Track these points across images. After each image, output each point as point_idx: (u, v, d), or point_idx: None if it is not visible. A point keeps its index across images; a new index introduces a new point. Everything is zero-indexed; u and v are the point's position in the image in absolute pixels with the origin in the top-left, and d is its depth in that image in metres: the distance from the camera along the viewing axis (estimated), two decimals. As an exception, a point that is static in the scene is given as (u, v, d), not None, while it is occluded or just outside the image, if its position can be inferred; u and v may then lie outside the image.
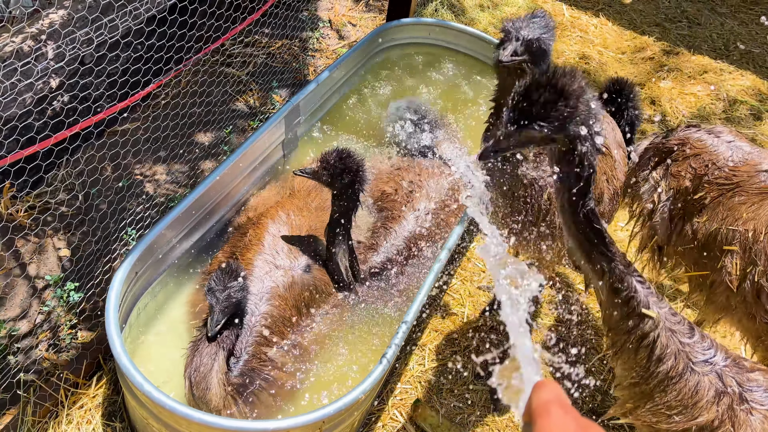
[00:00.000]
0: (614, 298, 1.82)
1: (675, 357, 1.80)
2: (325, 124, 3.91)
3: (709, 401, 1.79)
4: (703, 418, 1.80)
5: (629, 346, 1.86)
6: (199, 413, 2.16)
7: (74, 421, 2.68)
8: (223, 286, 2.40)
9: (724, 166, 2.42)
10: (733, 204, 2.35)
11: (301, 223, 3.02)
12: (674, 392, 1.82)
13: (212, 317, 2.41)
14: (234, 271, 2.45)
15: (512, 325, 1.52)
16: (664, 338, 1.80)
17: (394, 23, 4.16)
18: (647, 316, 1.79)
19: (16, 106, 3.07)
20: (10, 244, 3.05)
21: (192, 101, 3.81)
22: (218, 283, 2.41)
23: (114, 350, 2.30)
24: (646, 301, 1.80)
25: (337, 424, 2.40)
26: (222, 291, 2.40)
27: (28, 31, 3.13)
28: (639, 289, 1.80)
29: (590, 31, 5.56)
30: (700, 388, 1.80)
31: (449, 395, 2.99)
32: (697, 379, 1.80)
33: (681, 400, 1.82)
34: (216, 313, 2.40)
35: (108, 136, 3.66)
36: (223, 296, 2.39)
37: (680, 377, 1.80)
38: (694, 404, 1.80)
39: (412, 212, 3.20)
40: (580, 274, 3.51)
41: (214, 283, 2.41)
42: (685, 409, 1.82)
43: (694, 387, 1.80)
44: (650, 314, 1.79)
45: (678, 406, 1.83)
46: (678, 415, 1.83)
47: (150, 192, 3.53)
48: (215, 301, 2.39)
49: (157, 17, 3.67)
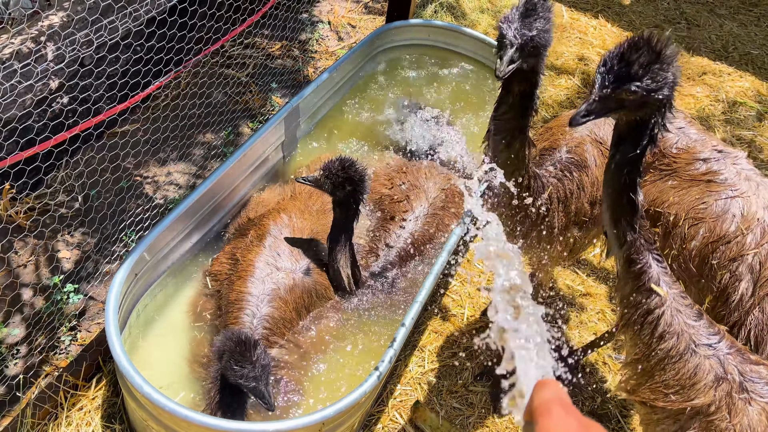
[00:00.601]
0: (629, 269, 1.83)
1: (677, 337, 1.81)
2: (324, 126, 3.91)
3: (707, 385, 1.79)
4: (699, 400, 1.80)
5: (635, 319, 1.87)
6: (199, 415, 2.16)
7: (74, 422, 2.67)
8: (252, 363, 2.25)
9: (669, 153, 2.47)
10: (665, 187, 2.41)
11: (302, 225, 3.02)
12: (673, 371, 1.83)
13: (265, 398, 2.27)
14: (247, 341, 2.28)
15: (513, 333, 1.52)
16: (669, 316, 1.81)
17: (394, 25, 4.17)
18: (655, 292, 1.81)
19: (15, 108, 3.07)
20: (9, 246, 3.05)
21: (192, 103, 3.81)
22: (245, 364, 2.24)
23: (114, 352, 2.30)
24: (657, 278, 1.82)
25: (337, 425, 2.40)
26: (254, 368, 2.25)
27: (28, 33, 3.13)
28: (653, 265, 1.82)
29: (589, 32, 5.57)
30: (699, 371, 1.80)
31: (449, 397, 2.99)
32: (697, 362, 1.80)
33: (679, 379, 1.82)
34: (265, 392, 2.27)
35: (108, 138, 3.66)
36: (259, 371, 2.26)
37: (680, 357, 1.81)
38: (692, 385, 1.81)
39: (411, 214, 3.20)
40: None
41: (241, 368, 2.24)
42: (683, 389, 1.82)
43: (693, 369, 1.80)
44: (658, 291, 1.81)
45: (675, 386, 1.84)
46: (675, 394, 1.84)
47: (149, 193, 3.53)
48: (257, 382, 2.26)
49: (157, 19, 3.67)
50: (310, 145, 3.79)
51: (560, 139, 2.56)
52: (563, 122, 2.66)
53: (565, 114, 2.78)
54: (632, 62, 1.59)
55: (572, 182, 2.47)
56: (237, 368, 2.24)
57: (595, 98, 1.65)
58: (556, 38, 5.41)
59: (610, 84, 1.61)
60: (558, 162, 2.49)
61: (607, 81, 1.62)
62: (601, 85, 1.63)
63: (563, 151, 2.51)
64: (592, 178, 2.48)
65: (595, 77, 1.66)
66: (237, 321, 2.64)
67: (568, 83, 4.96)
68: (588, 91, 4.92)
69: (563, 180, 2.45)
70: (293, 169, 3.61)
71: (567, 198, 2.46)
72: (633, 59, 1.59)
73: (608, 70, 1.62)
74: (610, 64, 1.62)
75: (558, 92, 4.86)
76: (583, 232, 2.59)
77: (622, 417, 3.01)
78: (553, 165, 2.48)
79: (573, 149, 2.51)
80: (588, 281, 3.57)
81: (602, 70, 1.63)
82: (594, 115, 1.68)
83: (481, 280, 3.50)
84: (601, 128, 2.60)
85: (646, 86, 1.59)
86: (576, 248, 2.68)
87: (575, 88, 4.92)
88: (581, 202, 2.49)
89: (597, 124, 2.61)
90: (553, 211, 2.45)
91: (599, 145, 2.54)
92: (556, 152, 2.51)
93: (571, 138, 2.54)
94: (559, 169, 2.47)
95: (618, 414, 3.01)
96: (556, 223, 2.48)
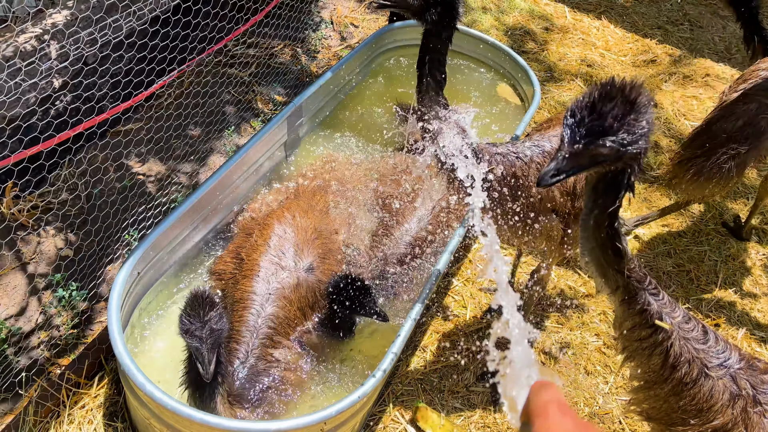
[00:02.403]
0: (627, 310, 1.83)
1: (689, 364, 1.81)
2: (327, 125, 3.91)
3: (724, 404, 1.80)
4: (718, 421, 1.82)
5: (640, 352, 1.88)
6: (201, 414, 2.16)
7: (76, 420, 2.68)
8: (201, 321, 2.15)
9: None
10: None
11: (306, 224, 3.02)
12: (688, 397, 1.84)
13: (202, 359, 2.16)
14: (206, 299, 2.19)
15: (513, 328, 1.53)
16: (677, 347, 1.82)
17: (397, 25, 4.17)
18: (660, 327, 1.81)
19: (20, 106, 3.08)
20: (12, 244, 3.05)
21: (195, 102, 3.82)
22: (194, 320, 2.16)
23: (116, 350, 2.30)
24: (659, 313, 1.81)
25: (339, 425, 2.40)
26: (202, 328, 2.15)
27: (32, 31, 3.13)
28: (652, 302, 1.81)
29: (592, 33, 5.57)
30: (715, 392, 1.81)
31: (451, 397, 2.99)
32: (711, 384, 1.81)
33: (696, 404, 1.83)
34: (205, 353, 2.15)
35: (111, 137, 3.67)
36: (206, 333, 2.15)
37: (694, 383, 1.82)
38: (709, 408, 1.82)
39: (415, 214, 3.20)
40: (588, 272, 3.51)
41: (188, 323, 2.15)
42: (701, 413, 1.83)
43: (708, 392, 1.81)
44: (663, 326, 1.81)
45: (693, 410, 1.84)
46: (693, 418, 1.85)
47: (152, 192, 3.53)
48: (200, 342, 2.14)
49: (161, 18, 3.67)
50: (312, 144, 3.79)
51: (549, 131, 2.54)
52: (562, 115, 2.66)
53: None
54: (605, 114, 1.43)
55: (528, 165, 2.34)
56: (185, 322, 2.16)
57: (565, 155, 1.49)
58: (558, 40, 5.41)
59: (581, 139, 1.45)
60: (516, 146, 2.39)
61: (578, 136, 1.46)
62: (570, 140, 1.47)
63: (535, 138, 2.45)
64: None
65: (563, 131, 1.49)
66: (241, 320, 2.64)
67: (570, 85, 4.96)
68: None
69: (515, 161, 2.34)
70: (296, 169, 3.61)
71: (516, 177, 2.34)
72: (606, 111, 1.43)
73: (578, 123, 1.46)
74: (580, 116, 1.46)
75: (560, 93, 4.86)
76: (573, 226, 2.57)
77: (624, 418, 3.00)
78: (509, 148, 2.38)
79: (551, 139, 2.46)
80: (590, 282, 3.57)
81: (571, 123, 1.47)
82: (564, 174, 1.51)
83: (483, 280, 3.50)
84: None
85: (622, 141, 1.44)
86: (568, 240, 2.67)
87: (578, 90, 4.92)
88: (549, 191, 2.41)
89: None
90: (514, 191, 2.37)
91: None
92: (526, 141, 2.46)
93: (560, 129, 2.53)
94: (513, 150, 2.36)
95: (620, 415, 3.01)
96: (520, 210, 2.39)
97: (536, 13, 5.68)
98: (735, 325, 3.47)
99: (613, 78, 1.49)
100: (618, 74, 4.33)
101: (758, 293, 3.67)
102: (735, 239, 3.93)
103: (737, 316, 3.52)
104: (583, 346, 3.27)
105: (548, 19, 5.64)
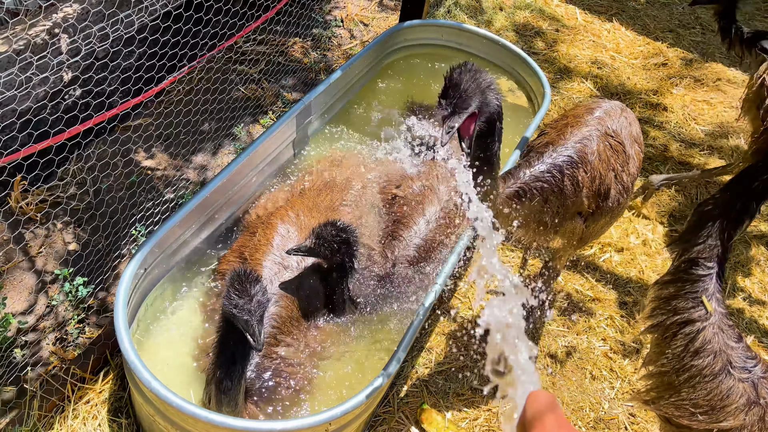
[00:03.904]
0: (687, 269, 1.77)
1: (714, 356, 1.75)
2: (336, 124, 3.90)
3: (739, 408, 1.75)
4: (728, 423, 1.76)
5: (669, 324, 1.80)
6: (206, 412, 2.15)
7: (80, 416, 2.68)
8: (248, 295, 2.24)
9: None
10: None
11: (310, 223, 3.01)
12: (704, 391, 1.77)
13: (252, 331, 2.22)
14: (250, 275, 2.29)
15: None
16: (710, 333, 1.75)
17: (407, 24, 4.15)
18: (703, 305, 1.75)
19: (30, 100, 3.08)
20: (20, 238, 3.06)
21: (204, 98, 3.81)
22: (242, 295, 2.23)
23: (122, 346, 2.30)
24: (712, 293, 1.76)
25: (344, 426, 2.39)
26: (249, 301, 2.23)
27: (43, 25, 3.13)
28: (714, 280, 1.76)
29: (603, 35, 5.54)
30: (733, 393, 1.75)
31: (455, 399, 2.98)
32: (731, 384, 1.75)
33: (710, 400, 1.77)
34: (255, 325, 2.22)
35: (120, 132, 3.67)
36: (254, 306, 2.23)
37: (714, 377, 1.76)
38: (722, 408, 1.76)
39: (423, 217, 3.18)
40: None
41: (237, 297, 2.22)
42: (712, 410, 1.77)
43: (726, 390, 1.75)
44: (707, 306, 1.75)
45: (705, 406, 1.79)
46: (703, 414, 1.79)
47: (160, 188, 3.53)
48: (249, 315, 2.21)
49: (173, 13, 3.67)
50: (321, 143, 3.79)
51: (566, 133, 2.53)
52: (578, 112, 2.64)
53: (581, 104, 2.76)
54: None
55: (562, 179, 2.43)
56: (234, 297, 2.21)
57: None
58: (569, 41, 5.38)
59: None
60: (545, 164, 2.46)
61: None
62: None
63: (558, 151, 2.49)
64: (592, 173, 2.45)
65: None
66: (246, 319, 2.64)
67: (580, 86, 4.93)
68: (600, 94, 4.89)
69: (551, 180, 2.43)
70: (304, 167, 3.60)
71: (558, 194, 2.43)
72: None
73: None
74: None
75: (571, 95, 4.84)
76: (588, 223, 2.57)
77: (630, 424, 2.99)
78: (540, 166, 2.46)
79: (572, 146, 2.48)
80: (597, 286, 3.55)
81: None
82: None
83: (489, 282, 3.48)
84: (617, 120, 2.58)
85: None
86: (585, 237, 2.66)
87: (588, 91, 4.89)
88: (578, 197, 2.46)
89: (609, 114, 2.59)
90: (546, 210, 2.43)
91: (608, 138, 2.52)
92: (546, 155, 2.49)
93: (579, 132, 2.52)
94: (546, 170, 2.45)
95: (626, 421, 2.99)
96: (548, 220, 2.45)
97: (547, 13, 5.66)
98: (743, 332, 3.45)
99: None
100: (629, 77, 4.26)
101: (767, 300, 3.64)
102: (743, 246, 3.90)
103: (745, 324, 3.49)
104: (589, 350, 3.25)
105: (559, 20, 5.62)
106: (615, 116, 2.58)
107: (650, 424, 2.99)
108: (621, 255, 3.74)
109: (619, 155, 2.52)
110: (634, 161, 2.60)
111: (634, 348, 3.28)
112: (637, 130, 2.66)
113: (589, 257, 3.71)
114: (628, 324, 3.39)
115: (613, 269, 3.66)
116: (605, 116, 2.57)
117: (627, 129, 2.59)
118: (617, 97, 4.88)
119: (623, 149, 2.53)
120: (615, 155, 2.51)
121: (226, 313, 2.26)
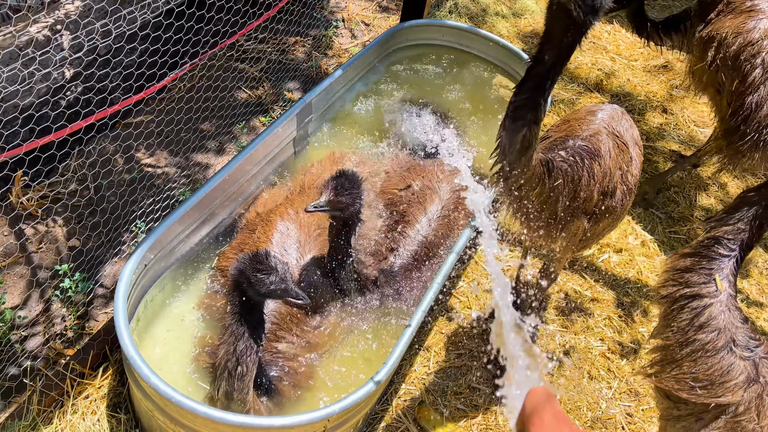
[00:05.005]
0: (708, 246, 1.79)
1: (719, 332, 1.77)
2: (336, 123, 3.91)
3: (738, 385, 1.76)
4: (725, 398, 1.77)
5: (678, 296, 1.82)
6: (205, 407, 2.16)
7: (79, 411, 2.68)
8: (274, 268, 2.22)
9: None
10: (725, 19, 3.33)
11: (309, 220, 3.02)
12: (705, 366, 1.79)
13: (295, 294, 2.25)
14: (264, 254, 2.27)
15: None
16: (716, 310, 1.77)
17: (408, 24, 4.16)
18: (715, 282, 1.78)
19: (32, 96, 3.09)
20: (20, 233, 3.06)
21: (205, 96, 3.82)
22: (269, 271, 2.22)
23: (122, 341, 2.31)
24: (726, 274, 1.78)
25: (342, 422, 2.40)
26: (277, 272, 2.22)
27: (45, 21, 3.14)
28: (732, 262, 1.79)
29: (603, 38, 5.55)
30: (733, 370, 1.77)
31: (453, 397, 2.99)
32: (732, 360, 1.77)
33: (710, 375, 1.79)
34: (293, 288, 2.25)
35: (121, 128, 3.67)
36: (282, 273, 2.23)
37: (716, 353, 1.78)
38: (722, 383, 1.77)
39: (424, 214, 3.19)
40: None
41: (266, 276, 2.21)
42: (711, 385, 1.79)
43: (727, 366, 1.77)
44: (718, 284, 1.78)
45: (704, 380, 1.80)
46: (702, 388, 1.81)
47: (161, 185, 3.54)
48: (284, 282, 2.23)
49: (175, 10, 3.68)
50: (321, 141, 3.79)
51: (577, 129, 2.55)
52: (580, 116, 2.65)
53: (582, 107, 2.77)
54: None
55: (582, 169, 2.43)
56: (263, 277, 2.20)
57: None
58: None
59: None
60: (570, 148, 2.45)
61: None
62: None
63: (578, 140, 2.49)
64: (604, 168, 2.45)
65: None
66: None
67: (580, 88, 4.94)
68: (599, 96, 4.90)
69: (574, 166, 2.42)
70: (304, 165, 3.61)
71: (576, 183, 2.42)
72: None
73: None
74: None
75: (571, 97, 4.85)
76: (591, 224, 2.58)
77: (627, 424, 3.00)
78: (564, 150, 2.45)
79: (588, 138, 2.49)
80: (596, 287, 3.56)
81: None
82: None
83: (488, 282, 3.50)
84: (619, 122, 2.59)
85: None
86: (586, 239, 2.67)
87: (588, 93, 4.91)
88: (590, 191, 2.47)
89: (612, 116, 2.61)
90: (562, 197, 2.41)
91: (615, 138, 2.53)
92: (570, 140, 2.50)
93: (588, 128, 2.53)
94: (570, 155, 2.44)
95: (623, 421, 3.00)
96: (560, 210, 2.44)
97: (548, 15, 5.66)
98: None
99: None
100: (629, 79, 4.27)
101: (764, 302, 3.65)
102: None
103: (743, 325, 3.50)
104: (587, 350, 3.26)
105: (560, 22, 5.62)
106: (617, 118, 2.60)
107: (647, 424, 3.01)
108: (619, 256, 3.75)
109: (624, 155, 2.54)
110: (636, 163, 2.62)
111: (632, 348, 3.29)
112: (636, 133, 2.68)
113: (588, 257, 3.72)
114: (626, 324, 3.40)
115: (612, 270, 3.67)
116: (608, 118, 2.59)
117: (629, 131, 2.61)
118: (617, 99, 4.89)
119: (627, 150, 2.55)
120: (621, 154, 2.53)
121: (262, 294, 2.25)
